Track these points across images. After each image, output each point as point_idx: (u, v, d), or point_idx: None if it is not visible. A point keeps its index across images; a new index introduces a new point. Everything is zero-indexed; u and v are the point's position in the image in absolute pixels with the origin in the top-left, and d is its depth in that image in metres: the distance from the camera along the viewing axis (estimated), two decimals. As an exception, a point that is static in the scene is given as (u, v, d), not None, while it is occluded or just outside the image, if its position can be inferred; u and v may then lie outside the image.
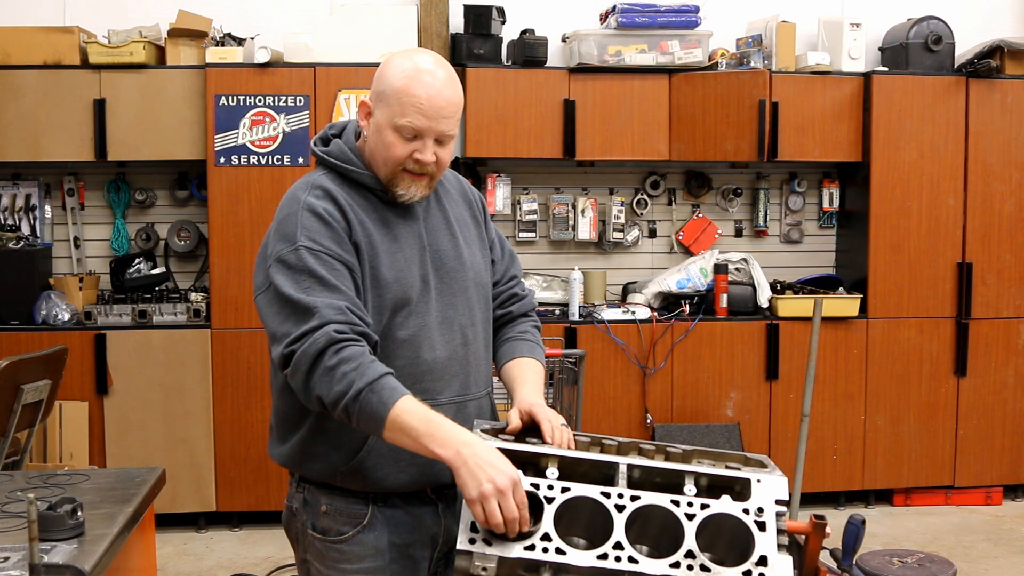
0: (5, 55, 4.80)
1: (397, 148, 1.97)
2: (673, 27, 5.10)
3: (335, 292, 1.88)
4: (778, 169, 5.61)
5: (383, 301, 1.97)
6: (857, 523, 2.07)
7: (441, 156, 2.01)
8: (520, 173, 5.45)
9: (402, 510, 2.06)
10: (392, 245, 2.01)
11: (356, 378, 1.80)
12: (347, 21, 4.99)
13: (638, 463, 1.86)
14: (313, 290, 1.87)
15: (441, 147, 2.00)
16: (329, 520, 2.05)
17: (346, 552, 2.04)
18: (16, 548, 1.88)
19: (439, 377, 2.03)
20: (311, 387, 1.85)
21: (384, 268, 1.98)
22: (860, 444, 5.27)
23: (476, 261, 2.15)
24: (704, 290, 5.25)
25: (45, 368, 3.90)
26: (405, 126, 1.96)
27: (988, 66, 5.16)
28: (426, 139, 1.97)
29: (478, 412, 2.10)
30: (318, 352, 1.82)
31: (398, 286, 1.98)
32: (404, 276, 2.00)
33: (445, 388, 2.04)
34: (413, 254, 2.04)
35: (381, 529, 2.04)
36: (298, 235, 1.92)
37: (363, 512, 2.03)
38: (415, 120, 1.95)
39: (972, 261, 5.28)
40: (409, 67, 1.98)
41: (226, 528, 4.99)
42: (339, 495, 2.04)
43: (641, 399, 5.12)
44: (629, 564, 1.70)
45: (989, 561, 4.62)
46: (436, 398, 2.01)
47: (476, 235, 2.19)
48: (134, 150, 4.88)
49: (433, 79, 1.98)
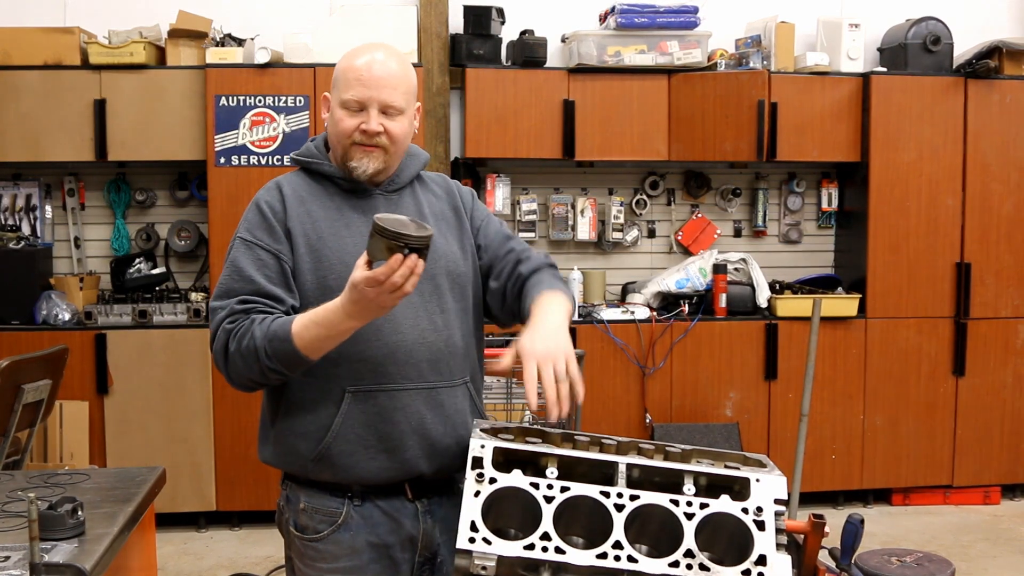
0: (5, 55, 4.80)
1: (344, 122, 2.07)
2: (672, 27, 5.11)
3: (246, 282, 2.03)
4: (777, 169, 5.62)
5: (326, 280, 2.04)
6: (856, 522, 2.07)
7: (390, 128, 2.07)
8: (519, 173, 5.45)
9: (379, 509, 2.07)
10: (342, 229, 2.08)
11: (254, 342, 1.95)
12: (347, 21, 5.00)
13: (637, 462, 1.86)
14: (227, 284, 2.05)
15: (388, 118, 2.07)
16: (307, 518, 2.08)
17: (322, 551, 2.07)
18: (16, 547, 1.88)
19: (405, 361, 2.03)
20: (232, 375, 2.03)
21: (327, 249, 2.06)
22: (859, 444, 5.28)
23: (451, 251, 2.14)
24: (703, 290, 5.25)
25: (45, 368, 3.90)
26: (349, 100, 2.06)
27: (987, 66, 5.17)
28: (370, 109, 2.06)
29: (452, 400, 2.09)
30: (223, 348, 2.00)
31: (342, 267, 2.02)
32: (350, 258, 2.00)
33: (412, 372, 2.04)
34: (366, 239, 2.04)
35: (357, 528, 2.06)
36: (240, 228, 2.10)
37: (339, 511, 2.06)
38: (357, 92, 2.05)
39: (971, 261, 5.29)
40: (351, 52, 2.11)
41: (226, 528, 5.00)
42: (316, 492, 2.07)
43: (640, 399, 5.12)
44: (628, 563, 1.71)
45: (987, 560, 4.63)
46: (403, 383, 2.03)
47: (456, 228, 2.20)
48: (134, 150, 4.89)
49: (372, 53, 2.09)
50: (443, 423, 2.07)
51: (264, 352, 1.94)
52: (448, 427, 2.08)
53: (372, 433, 2.03)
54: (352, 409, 2.03)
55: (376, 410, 2.03)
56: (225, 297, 2.04)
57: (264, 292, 2.02)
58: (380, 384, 2.03)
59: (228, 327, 1.99)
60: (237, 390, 2.11)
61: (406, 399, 2.04)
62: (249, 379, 2.02)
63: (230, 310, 2.00)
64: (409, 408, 2.04)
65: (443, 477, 2.10)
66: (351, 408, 2.03)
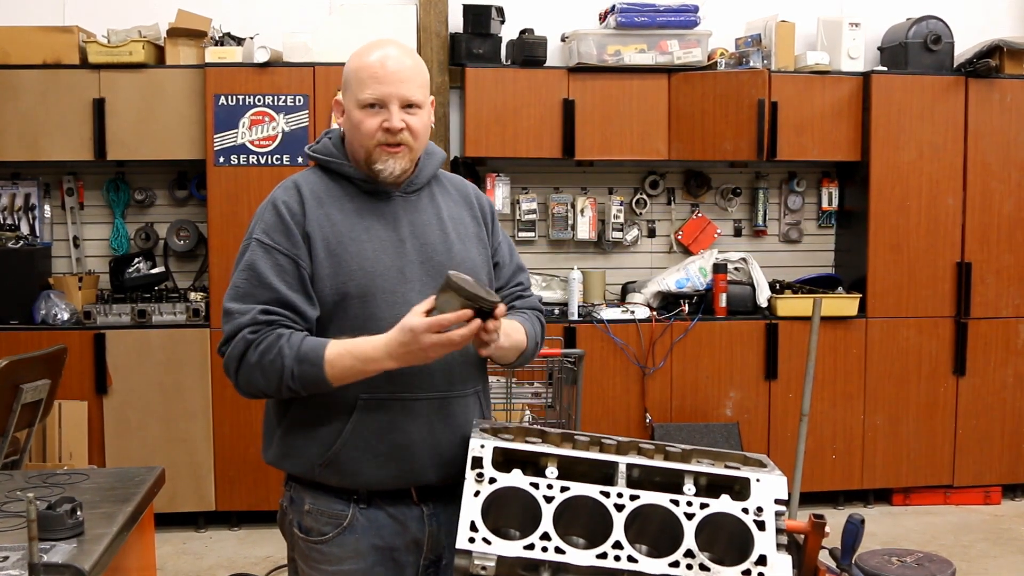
0: (4, 55, 4.79)
1: (367, 123, 2.03)
2: (672, 27, 5.10)
3: (267, 289, 1.99)
4: (777, 169, 5.61)
5: (345, 287, 2.01)
6: (856, 522, 2.07)
7: (411, 124, 2.04)
8: (519, 173, 5.45)
9: (385, 513, 2.05)
10: (362, 234, 2.04)
11: (282, 361, 1.93)
12: (346, 21, 4.99)
13: (637, 462, 1.86)
14: (246, 288, 2.00)
15: (409, 114, 2.04)
16: (312, 520, 2.07)
17: (326, 553, 2.05)
18: (15, 547, 1.88)
19: (419, 370, 2.00)
20: (241, 384, 2.00)
21: (347, 254, 2.02)
22: (859, 443, 5.28)
23: (469, 257, 2.13)
24: (703, 290, 5.25)
25: (44, 368, 3.90)
26: (367, 99, 2.02)
27: (987, 66, 5.16)
28: (390, 106, 2.02)
29: (463, 410, 2.08)
30: (240, 355, 1.97)
31: (361, 273, 2.01)
32: (370, 264, 2.01)
33: (425, 381, 2.03)
34: (386, 244, 2.05)
35: (362, 532, 2.04)
36: (256, 229, 2.06)
37: (344, 513, 2.04)
38: (375, 90, 2.02)
39: (971, 261, 5.29)
40: (360, 50, 2.07)
41: (225, 528, 4.99)
42: (322, 495, 2.06)
43: (640, 399, 5.12)
44: (628, 563, 1.70)
45: (988, 560, 4.63)
46: (415, 392, 2.02)
47: (474, 234, 2.18)
48: (133, 150, 4.88)
49: (384, 49, 2.05)
50: (452, 432, 2.06)
51: (291, 372, 1.93)
52: (457, 436, 2.06)
53: (382, 441, 2.01)
54: (364, 417, 2.01)
55: (388, 419, 2.01)
56: (244, 301, 1.99)
57: (285, 301, 1.99)
58: (393, 393, 2.01)
59: (250, 337, 1.96)
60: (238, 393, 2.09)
61: (418, 408, 2.02)
62: (261, 391, 2.00)
63: (253, 319, 1.96)
64: (420, 418, 2.03)
65: (449, 483, 2.08)
66: (363, 416, 2.01)
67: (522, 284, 2.27)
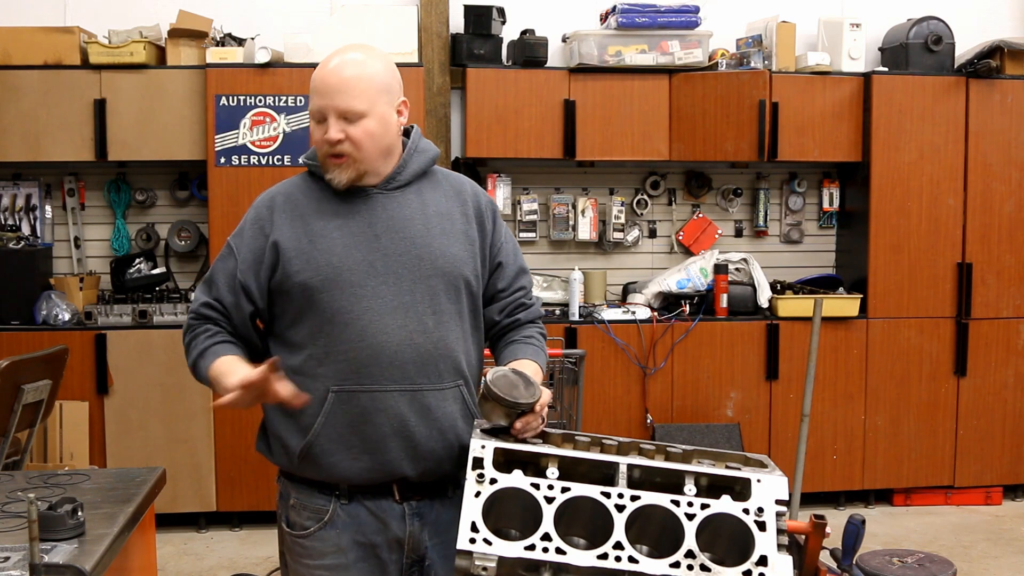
0: (5, 55, 4.80)
1: (315, 134, 2.11)
2: (673, 27, 5.10)
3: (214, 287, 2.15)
4: (778, 169, 5.61)
5: (311, 281, 2.06)
6: (857, 523, 2.07)
7: (352, 134, 2.06)
8: (520, 173, 5.45)
9: (366, 509, 2.08)
10: (334, 232, 2.08)
11: (190, 354, 2.15)
12: (347, 21, 4.99)
13: (638, 463, 1.86)
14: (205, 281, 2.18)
15: (350, 124, 2.06)
16: (296, 514, 2.11)
17: (308, 548, 2.09)
18: (16, 548, 1.88)
19: (389, 363, 2.03)
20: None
21: (316, 251, 2.07)
22: (860, 444, 5.27)
23: (450, 253, 2.13)
24: (704, 290, 5.25)
25: (45, 368, 3.90)
26: (314, 111, 2.10)
27: (988, 66, 5.16)
28: (329, 118, 2.06)
29: (440, 404, 2.07)
30: (183, 334, 2.19)
31: (328, 267, 2.05)
32: (338, 259, 2.06)
33: (396, 373, 2.04)
34: (359, 240, 2.08)
35: (343, 527, 2.07)
36: (235, 231, 2.19)
37: (325, 508, 2.08)
38: (314, 102, 2.09)
39: (972, 261, 5.28)
40: (323, 60, 2.14)
41: (226, 528, 4.99)
42: (305, 489, 2.10)
43: (641, 399, 5.12)
44: (629, 564, 1.70)
45: (989, 561, 4.63)
46: (386, 384, 2.04)
47: (462, 230, 2.17)
48: (134, 150, 4.88)
49: (334, 60, 2.11)
50: (428, 426, 2.06)
51: (192, 366, 2.15)
52: (434, 430, 2.06)
53: (354, 434, 2.04)
54: (335, 409, 2.04)
55: (358, 411, 2.04)
56: (201, 291, 2.18)
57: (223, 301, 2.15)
58: (363, 385, 2.03)
59: (190, 323, 2.18)
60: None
61: (388, 400, 2.04)
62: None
63: (196, 309, 2.17)
64: (391, 410, 2.04)
65: (430, 480, 2.10)
66: (334, 408, 2.04)
67: (524, 288, 2.28)
